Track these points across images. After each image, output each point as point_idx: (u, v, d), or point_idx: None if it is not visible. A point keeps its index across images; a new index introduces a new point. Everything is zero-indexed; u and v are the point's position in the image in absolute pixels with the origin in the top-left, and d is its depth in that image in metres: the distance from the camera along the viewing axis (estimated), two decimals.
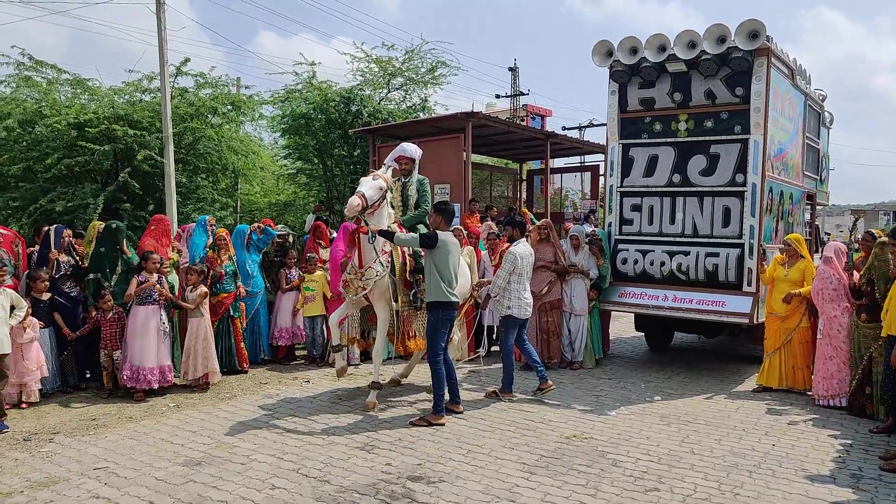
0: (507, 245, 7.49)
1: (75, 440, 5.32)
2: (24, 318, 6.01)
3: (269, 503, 4.16)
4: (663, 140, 7.89)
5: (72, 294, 6.86)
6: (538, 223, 8.65)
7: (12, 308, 5.85)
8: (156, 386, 6.61)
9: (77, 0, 55.57)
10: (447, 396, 6.04)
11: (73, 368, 6.93)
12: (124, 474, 4.59)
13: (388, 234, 5.98)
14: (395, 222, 6.42)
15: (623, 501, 4.24)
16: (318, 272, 8.24)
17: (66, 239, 6.97)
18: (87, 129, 13.13)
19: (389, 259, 6.25)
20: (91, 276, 6.89)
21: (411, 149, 6.95)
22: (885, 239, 6.05)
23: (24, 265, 6.97)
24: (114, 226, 7.07)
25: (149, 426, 5.69)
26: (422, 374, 7.15)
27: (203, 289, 7.00)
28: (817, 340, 6.59)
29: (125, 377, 6.55)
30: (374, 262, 6.11)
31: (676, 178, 7.79)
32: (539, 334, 7.93)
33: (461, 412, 6.07)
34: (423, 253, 6.06)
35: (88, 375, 7.12)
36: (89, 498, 4.21)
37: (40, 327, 6.41)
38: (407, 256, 6.42)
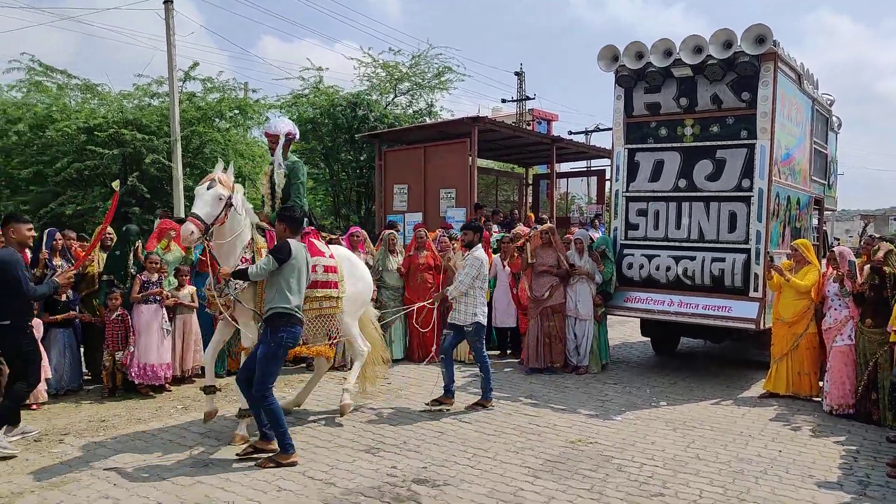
0: (460, 248, 7.63)
1: (85, 441, 5.36)
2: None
3: None
4: (669, 145, 7.89)
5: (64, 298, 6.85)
6: (540, 227, 8.68)
7: None
8: (162, 381, 6.90)
9: (86, 6, 56.03)
10: (280, 438, 4.93)
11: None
12: (133, 475, 4.63)
13: (241, 274, 5.01)
14: (263, 220, 5.67)
15: None
16: None
17: (60, 242, 7.01)
18: (96, 133, 13.25)
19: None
20: (105, 277, 7.00)
21: (275, 124, 5.89)
22: (892, 247, 6.07)
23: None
24: (129, 229, 7.21)
25: (156, 428, 5.73)
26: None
27: (191, 288, 7.41)
28: (835, 347, 6.45)
29: (133, 374, 6.74)
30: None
31: (682, 182, 7.79)
32: (541, 338, 7.95)
33: (296, 463, 4.86)
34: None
35: (88, 377, 7.27)
36: (99, 498, 4.24)
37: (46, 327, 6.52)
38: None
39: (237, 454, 5.03)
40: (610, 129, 8.78)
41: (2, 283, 4.99)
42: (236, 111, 15.81)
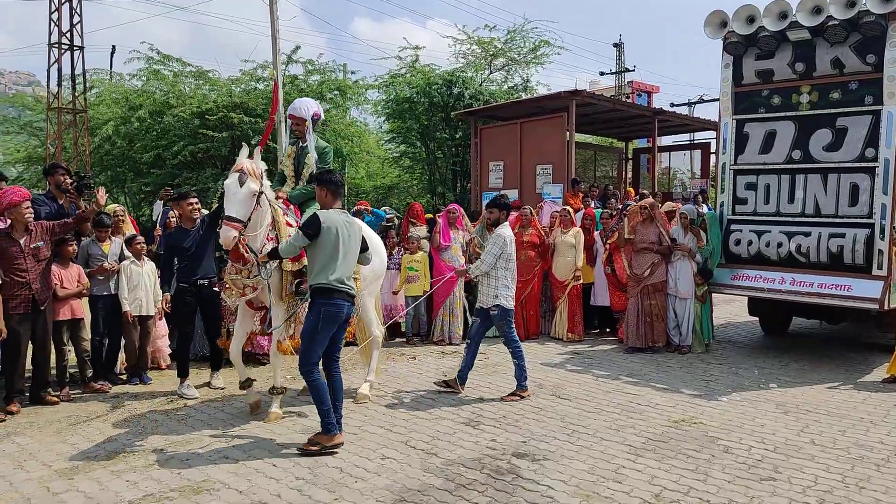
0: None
1: (206, 405, 5.79)
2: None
3: (381, 471, 4.36)
4: (782, 114, 7.43)
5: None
6: (640, 203, 8.44)
7: None
8: (266, 351, 7.14)
9: None
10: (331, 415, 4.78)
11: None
12: (249, 438, 4.96)
13: (274, 253, 5.01)
14: (279, 198, 5.47)
15: (736, 489, 4.11)
16: (420, 253, 8.44)
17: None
18: (207, 117, 14.03)
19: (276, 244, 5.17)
20: (217, 254, 7.42)
21: (301, 105, 5.81)
22: None
23: None
24: None
25: (268, 397, 6.07)
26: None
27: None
28: None
29: None
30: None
31: (796, 154, 7.33)
32: (642, 317, 7.76)
33: (341, 444, 4.75)
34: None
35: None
36: (220, 459, 4.57)
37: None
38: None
39: (298, 450, 4.71)
40: (715, 99, 8.41)
41: None
42: (336, 92, 16.26)
